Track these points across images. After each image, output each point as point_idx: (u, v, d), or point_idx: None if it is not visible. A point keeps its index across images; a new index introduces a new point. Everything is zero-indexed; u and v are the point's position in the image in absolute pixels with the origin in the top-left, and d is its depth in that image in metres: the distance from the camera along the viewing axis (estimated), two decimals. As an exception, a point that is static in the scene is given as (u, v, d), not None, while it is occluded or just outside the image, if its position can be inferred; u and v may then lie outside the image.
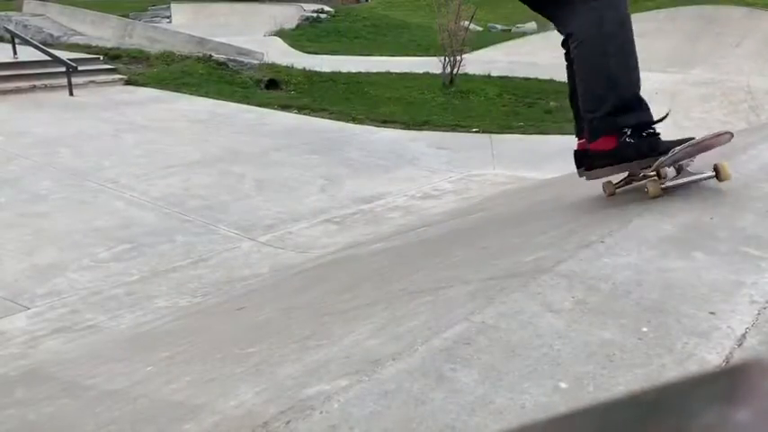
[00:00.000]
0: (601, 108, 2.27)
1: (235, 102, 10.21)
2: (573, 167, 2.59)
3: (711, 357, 1.38)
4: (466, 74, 12.41)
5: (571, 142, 3.00)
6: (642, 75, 2.38)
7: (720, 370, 0.28)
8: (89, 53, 12.47)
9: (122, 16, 17.89)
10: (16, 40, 11.67)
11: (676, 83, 10.94)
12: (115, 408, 1.82)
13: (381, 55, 15.46)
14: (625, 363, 1.34)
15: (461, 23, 12.30)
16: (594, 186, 2.78)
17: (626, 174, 2.46)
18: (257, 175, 6.54)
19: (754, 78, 11.30)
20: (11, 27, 13.76)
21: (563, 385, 1.27)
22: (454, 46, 11.93)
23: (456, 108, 10.68)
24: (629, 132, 2.26)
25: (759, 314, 1.56)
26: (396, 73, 13.09)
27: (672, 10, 16.40)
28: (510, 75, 13.04)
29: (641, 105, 2.32)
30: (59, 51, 11.72)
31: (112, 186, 6.05)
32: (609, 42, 2.30)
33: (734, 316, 1.55)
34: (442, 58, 12.03)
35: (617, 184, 2.50)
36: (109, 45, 13.69)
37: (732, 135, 2.26)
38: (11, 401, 2.37)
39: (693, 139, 2.19)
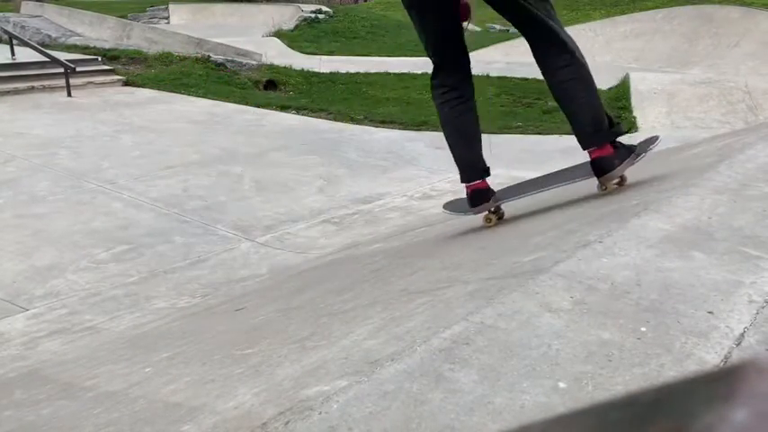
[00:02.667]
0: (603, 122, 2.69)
1: (233, 102, 10.19)
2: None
3: (710, 357, 1.39)
4: (464, 74, 12.41)
5: (570, 142, 3.01)
6: (641, 74, 2.46)
7: (719, 370, 0.28)
8: (87, 54, 12.45)
9: (120, 17, 17.87)
10: (14, 41, 11.65)
11: (674, 82, 10.94)
12: (114, 409, 1.82)
13: (380, 55, 15.47)
14: (624, 363, 1.35)
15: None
16: (593, 186, 2.78)
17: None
18: (256, 175, 6.54)
19: (752, 78, 11.32)
20: (8, 28, 13.74)
21: (562, 385, 1.27)
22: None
23: (454, 108, 10.67)
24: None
25: (757, 314, 1.56)
26: (394, 73, 13.09)
27: (670, 10, 16.41)
28: (508, 75, 13.04)
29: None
30: (57, 52, 11.70)
31: (111, 187, 6.04)
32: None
33: (732, 315, 1.55)
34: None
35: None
36: (107, 46, 13.68)
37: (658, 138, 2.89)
38: (9, 403, 2.37)
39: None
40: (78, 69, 10.49)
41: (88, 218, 5.30)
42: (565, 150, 8.28)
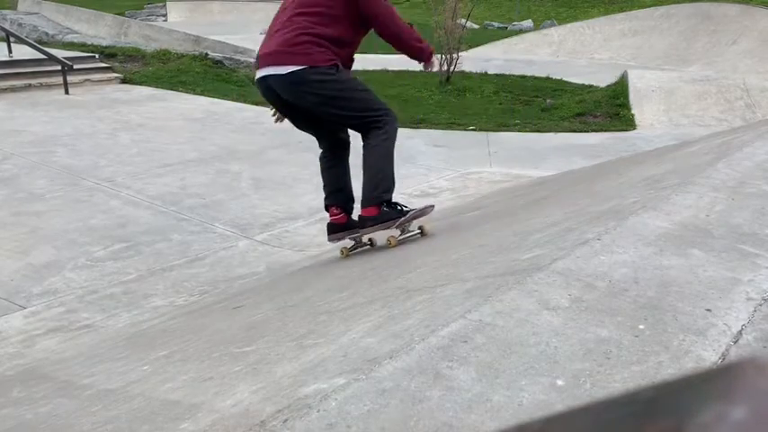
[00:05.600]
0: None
1: (231, 100, 10.18)
2: (569, 165, 2.62)
3: (708, 354, 1.39)
4: (462, 72, 12.41)
5: (568, 139, 3.01)
6: (639, 72, 2.44)
7: (717, 367, 0.28)
8: (84, 51, 12.42)
9: (118, 14, 17.84)
10: (11, 39, 11.62)
11: (672, 80, 10.95)
12: (112, 407, 1.82)
13: (377, 53, 15.45)
14: (622, 360, 1.35)
15: (458, 21, 12.29)
16: (592, 184, 2.78)
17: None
18: (254, 173, 6.53)
19: (749, 76, 11.33)
20: (6, 25, 13.70)
21: (560, 383, 1.28)
22: (451, 44, 11.93)
23: (452, 106, 10.68)
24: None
25: (755, 311, 1.56)
26: (392, 71, 13.08)
27: (668, 7, 16.42)
28: (506, 72, 13.04)
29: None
30: (55, 50, 11.67)
31: (108, 185, 6.03)
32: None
33: (730, 313, 1.55)
34: (439, 55, 12.02)
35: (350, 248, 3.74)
36: (104, 43, 13.65)
37: (433, 207, 3.76)
38: (7, 401, 2.37)
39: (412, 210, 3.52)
40: (76, 67, 10.47)
41: (86, 215, 5.29)
42: (562, 148, 8.28)
